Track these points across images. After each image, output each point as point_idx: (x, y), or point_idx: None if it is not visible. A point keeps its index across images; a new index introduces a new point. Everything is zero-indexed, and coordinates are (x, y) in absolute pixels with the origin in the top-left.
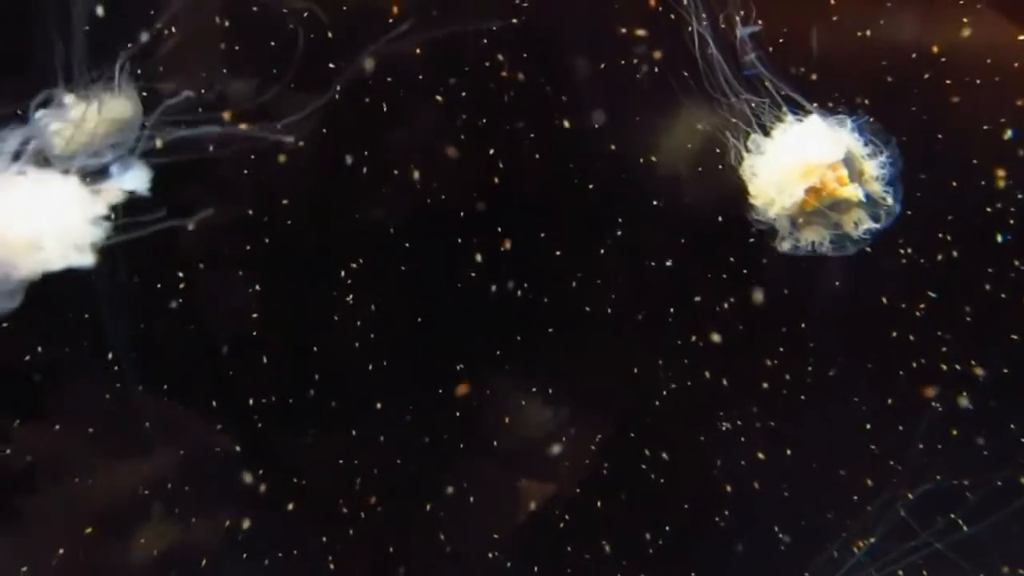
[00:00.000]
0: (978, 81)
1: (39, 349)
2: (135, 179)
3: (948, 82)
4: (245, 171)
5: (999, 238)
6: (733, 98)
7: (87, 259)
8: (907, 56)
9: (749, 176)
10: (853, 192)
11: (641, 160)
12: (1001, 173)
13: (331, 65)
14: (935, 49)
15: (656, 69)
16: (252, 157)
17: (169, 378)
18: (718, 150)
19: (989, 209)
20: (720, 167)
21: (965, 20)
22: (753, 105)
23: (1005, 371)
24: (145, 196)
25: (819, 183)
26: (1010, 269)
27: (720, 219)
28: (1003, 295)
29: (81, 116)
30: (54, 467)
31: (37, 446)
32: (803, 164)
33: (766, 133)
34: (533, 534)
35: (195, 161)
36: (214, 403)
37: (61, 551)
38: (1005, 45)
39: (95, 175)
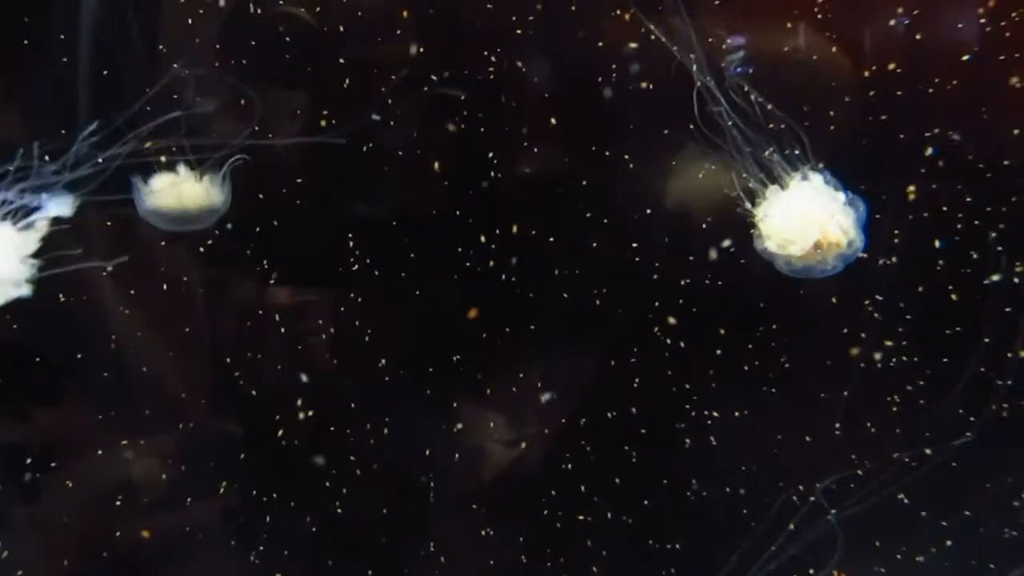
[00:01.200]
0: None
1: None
2: (59, 206)
3: (899, 92)
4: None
5: (937, 243)
6: (734, 132)
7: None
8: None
9: (758, 214)
10: (843, 240)
11: (632, 166)
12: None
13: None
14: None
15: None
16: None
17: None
18: (713, 167)
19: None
20: (717, 189)
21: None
22: (746, 135)
23: (944, 360)
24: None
25: (823, 231)
26: (946, 270)
27: (704, 225)
28: (950, 289)
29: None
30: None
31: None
32: (817, 217)
33: (769, 172)
34: (519, 510)
35: None
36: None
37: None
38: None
39: (25, 213)
